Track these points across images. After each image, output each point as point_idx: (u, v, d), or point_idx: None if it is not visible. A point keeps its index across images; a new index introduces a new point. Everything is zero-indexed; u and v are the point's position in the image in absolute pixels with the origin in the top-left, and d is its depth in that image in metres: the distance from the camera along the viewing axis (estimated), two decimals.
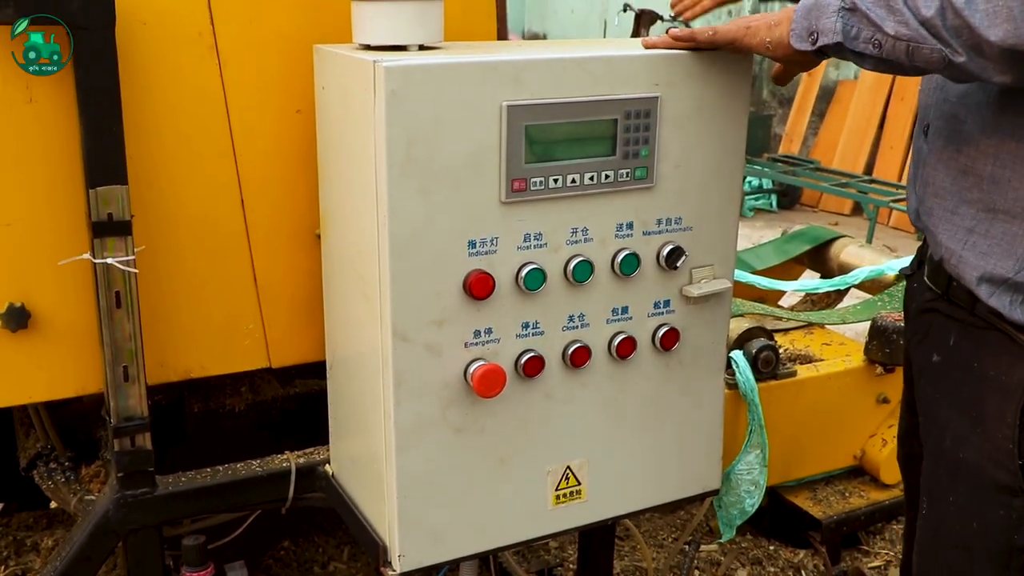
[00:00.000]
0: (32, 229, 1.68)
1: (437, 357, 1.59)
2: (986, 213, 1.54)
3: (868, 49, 1.44)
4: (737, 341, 2.52)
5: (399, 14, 1.56)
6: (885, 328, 2.66)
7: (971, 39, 1.35)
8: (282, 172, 1.80)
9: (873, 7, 1.42)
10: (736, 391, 2.44)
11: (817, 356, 2.84)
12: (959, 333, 1.61)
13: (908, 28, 1.39)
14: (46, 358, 1.75)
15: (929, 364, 1.68)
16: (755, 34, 1.56)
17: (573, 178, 1.60)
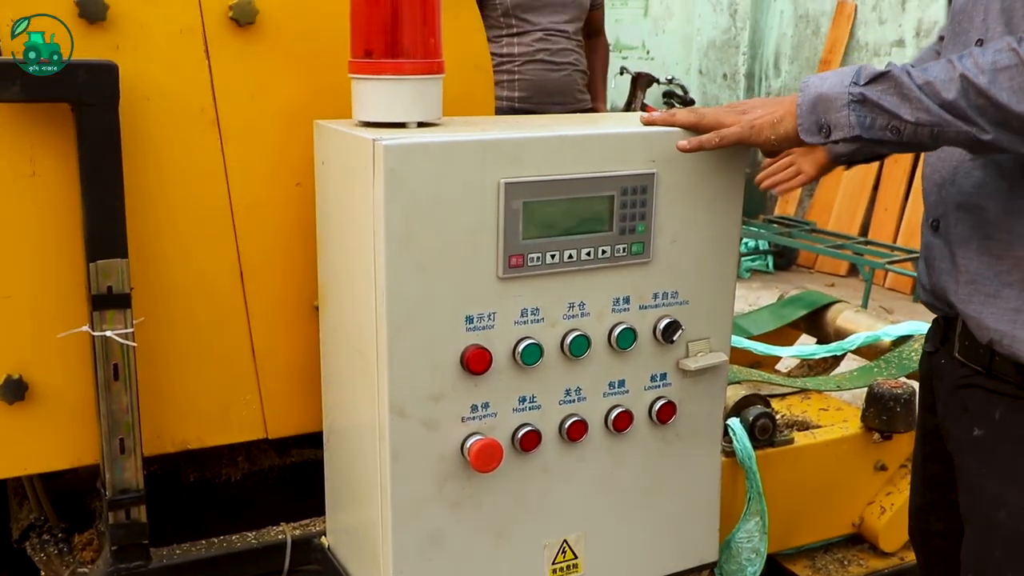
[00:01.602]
0: (32, 301, 1.68)
1: (434, 432, 1.58)
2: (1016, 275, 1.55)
3: (887, 136, 1.45)
4: (734, 408, 2.50)
5: (398, 92, 1.58)
6: (882, 395, 2.65)
7: (998, 116, 1.37)
8: (281, 244, 1.80)
9: (884, 95, 1.44)
10: (734, 459, 2.42)
11: (814, 422, 2.82)
12: (1007, 407, 1.59)
13: (929, 114, 1.41)
14: (42, 430, 1.73)
15: (970, 439, 1.66)
16: (760, 133, 1.57)
17: (570, 254, 1.61)
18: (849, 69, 1.51)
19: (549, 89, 4.59)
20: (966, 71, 1.38)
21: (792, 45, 8.13)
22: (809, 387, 2.99)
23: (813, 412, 2.93)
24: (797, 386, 2.98)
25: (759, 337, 3.33)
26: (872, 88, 1.45)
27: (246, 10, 1.69)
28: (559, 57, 4.61)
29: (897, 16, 7.34)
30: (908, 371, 2.86)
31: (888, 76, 1.45)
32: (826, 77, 1.52)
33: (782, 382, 2.98)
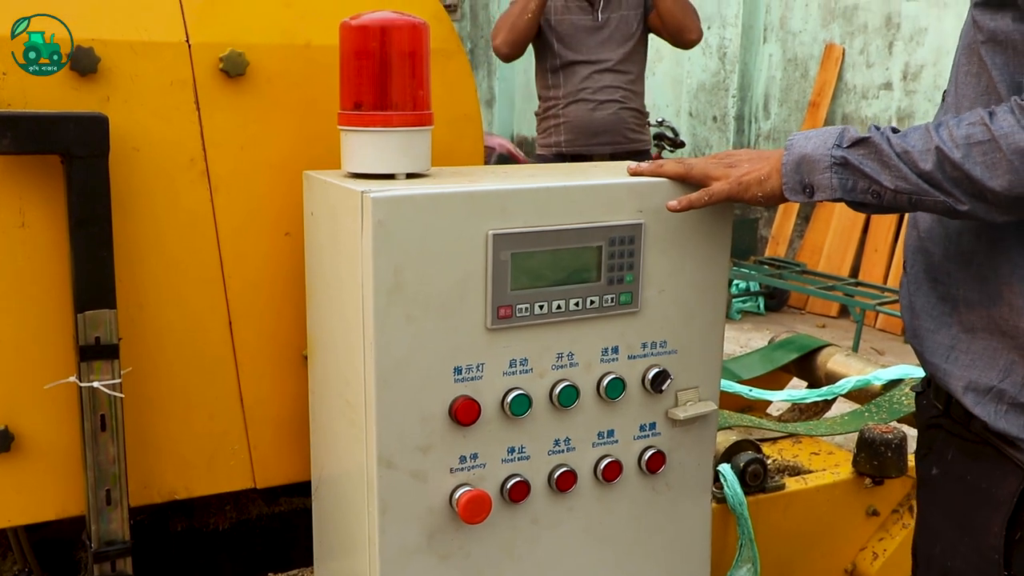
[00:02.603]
0: (19, 352, 1.67)
1: (423, 483, 1.57)
2: (965, 333, 1.57)
3: (868, 199, 1.47)
4: (725, 454, 2.50)
5: (387, 144, 1.59)
6: (873, 440, 2.64)
7: (973, 189, 1.38)
8: (270, 294, 1.80)
9: (864, 160, 1.46)
10: (725, 505, 2.41)
11: (806, 467, 2.82)
12: (957, 448, 1.62)
13: (908, 182, 1.42)
14: (27, 481, 1.72)
15: (929, 477, 1.69)
16: (747, 190, 1.58)
17: (558, 304, 1.61)
18: (834, 130, 1.52)
19: (593, 129, 4.50)
20: (941, 143, 1.40)
21: (781, 88, 8.20)
22: (800, 432, 2.99)
23: (804, 456, 2.93)
24: (788, 431, 2.98)
25: (750, 381, 3.33)
26: (853, 152, 1.47)
27: (236, 62, 1.70)
28: (602, 95, 4.50)
29: (884, 60, 7.41)
30: (899, 415, 2.86)
31: (869, 142, 1.46)
32: (810, 136, 1.54)
33: (773, 427, 2.98)
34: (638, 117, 4.65)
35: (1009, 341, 1.52)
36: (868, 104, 7.53)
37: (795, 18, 8.02)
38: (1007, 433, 1.51)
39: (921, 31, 7.10)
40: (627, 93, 4.57)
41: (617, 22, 4.50)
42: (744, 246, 7.89)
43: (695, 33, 4.55)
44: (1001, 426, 1.51)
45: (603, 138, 4.53)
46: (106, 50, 1.63)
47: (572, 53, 4.49)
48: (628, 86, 4.57)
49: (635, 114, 4.63)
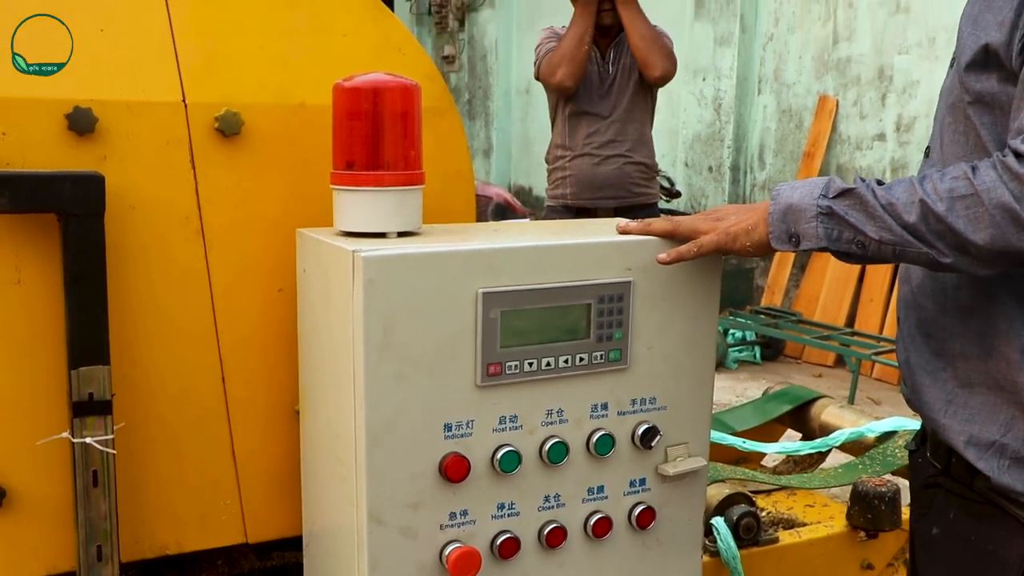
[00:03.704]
0: (12, 407, 1.67)
1: (412, 540, 1.57)
2: (962, 388, 1.58)
3: (853, 249, 1.49)
4: (718, 507, 2.49)
5: (379, 203, 1.60)
6: (867, 493, 2.64)
7: (956, 242, 1.40)
8: (263, 349, 1.80)
9: (850, 211, 1.47)
10: (718, 558, 2.40)
11: (800, 519, 2.81)
12: (959, 507, 1.61)
13: (892, 233, 1.44)
14: (18, 537, 1.71)
15: (929, 537, 1.69)
16: (735, 240, 1.60)
17: (548, 361, 1.61)
18: (820, 181, 1.54)
19: (598, 183, 4.52)
20: (925, 196, 1.41)
21: (776, 138, 8.25)
22: (794, 484, 2.98)
23: (799, 508, 2.91)
24: (782, 483, 2.97)
25: (743, 433, 3.32)
26: (839, 202, 1.48)
27: (232, 122, 1.71)
28: (606, 150, 4.53)
29: (877, 111, 7.46)
30: (892, 468, 2.86)
31: (854, 193, 1.48)
32: (796, 187, 1.56)
33: (766, 479, 2.97)
34: (644, 170, 4.65)
35: (1008, 396, 1.52)
36: (862, 155, 7.57)
37: (789, 70, 8.09)
38: (1011, 488, 1.51)
39: (913, 84, 7.16)
40: (632, 146, 4.58)
41: (622, 73, 4.53)
42: (740, 296, 7.90)
43: (659, 70, 4.50)
44: (1005, 481, 1.51)
45: (607, 192, 4.55)
46: (104, 110, 1.64)
47: (579, 104, 4.52)
48: (632, 137, 4.58)
49: (640, 168, 4.63)
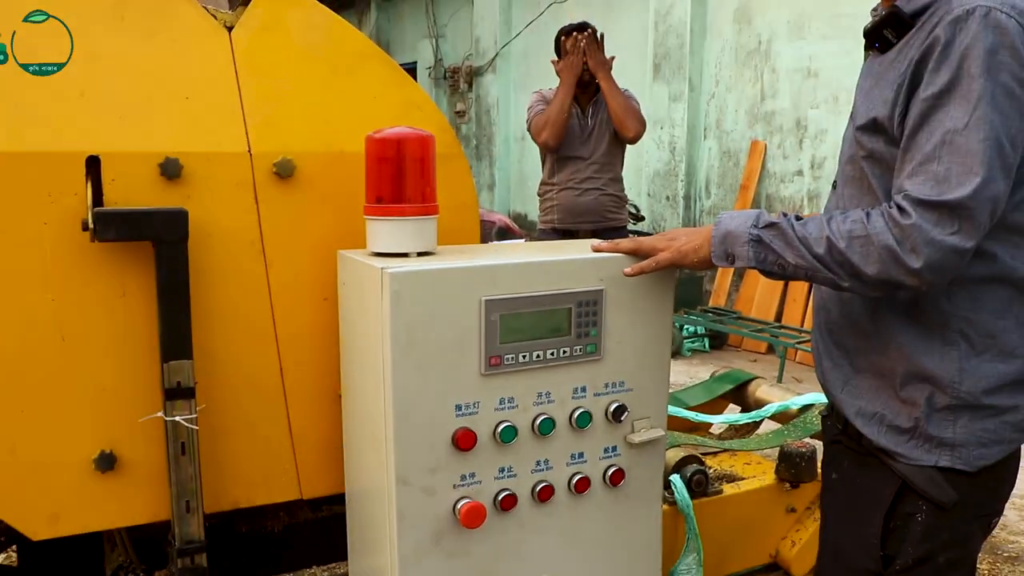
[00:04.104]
0: (121, 392, 1.66)
1: (431, 497, 1.55)
2: (856, 373, 1.60)
3: (775, 269, 1.49)
4: (675, 467, 2.47)
5: (402, 229, 1.59)
6: (790, 453, 2.62)
7: (852, 271, 1.41)
8: (312, 346, 1.78)
9: (774, 240, 1.48)
10: (675, 507, 2.38)
11: (740, 475, 2.79)
12: (851, 459, 1.64)
13: (805, 261, 1.45)
14: (127, 493, 1.71)
15: (830, 481, 1.72)
16: (685, 256, 1.60)
17: (538, 354, 1.60)
18: (753, 213, 1.54)
19: (579, 210, 4.49)
20: (831, 234, 1.43)
21: (719, 174, 8.23)
22: (734, 447, 2.96)
23: (739, 467, 2.89)
24: (725, 447, 2.95)
25: (695, 407, 3.30)
26: (766, 232, 1.49)
27: (287, 167, 1.70)
28: (586, 184, 4.51)
29: (796, 153, 7.45)
30: (810, 433, 2.83)
31: (778, 225, 1.49)
32: (735, 216, 1.55)
33: (713, 444, 2.95)
34: (616, 200, 4.63)
35: (886, 381, 1.55)
36: (785, 187, 7.55)
37: (728, 120, 8.07)
38: (887, 448, 1.55)
39: (823, 132, 7.15)
40: (606, 181, 4.56)
41: (599, 125, 4.53)
42: (692, 298, 7.87)
43: (631, 132, 4.51)
44: (882, 443, 1.55)
45: (586, 217, 4.53)
46: (188, 160, 1.63)
47: (564, 150, 4.52)
48: (607, 175, 4.57)
49: (613, 198, 4.61)
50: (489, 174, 11.35)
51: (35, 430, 1.62)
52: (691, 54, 8.11)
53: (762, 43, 7.62)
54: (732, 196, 8.03)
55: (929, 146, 1.36)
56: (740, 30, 7.83)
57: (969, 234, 1.34)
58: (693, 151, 8.35)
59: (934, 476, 1.51)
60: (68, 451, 1.64)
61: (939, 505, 1.51)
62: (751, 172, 7.77)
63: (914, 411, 1.51)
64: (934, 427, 1.50)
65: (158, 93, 1.62)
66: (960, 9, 1.36)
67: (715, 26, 8.07)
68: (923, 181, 1.36)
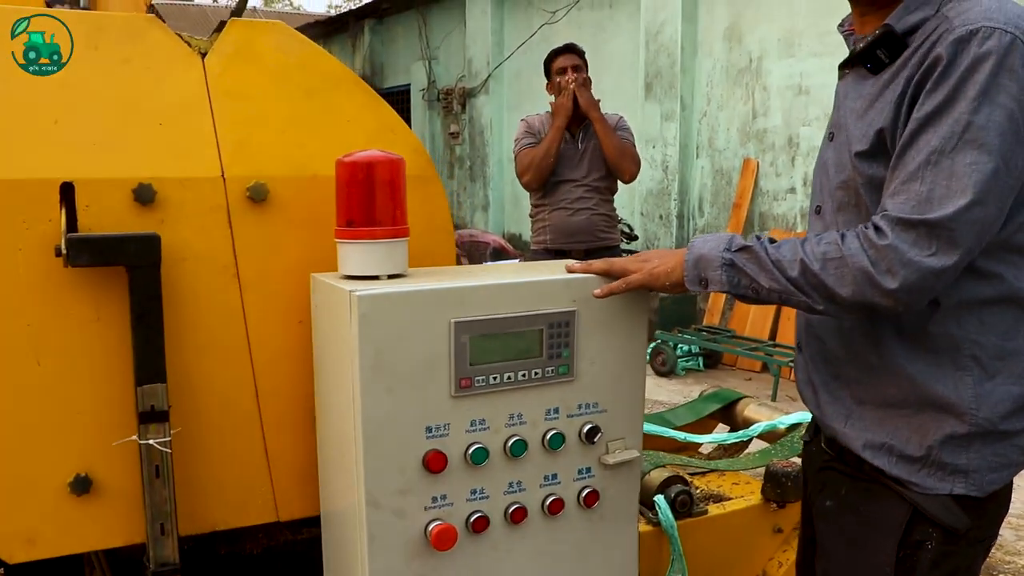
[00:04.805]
0: (96, 416, 1.67)
1: (402, 519, 1.55)
2: (857, 405, 1.57)
3: (748, 293, 1.48)
4: (660, 487, 2.47)
5: (372, 252, 1.59)
6: (776, 473, 2.62)
7: (826, 294, 1.40)
8: (287, 369, 1.79)
9: (747, 263, 1.47)
10: (659, 528, 2.38)
11: (727, 495, 2.79)
12: (849, 485, 1.60)
13: (779, 284, 1.44)
14: (102, 516, 1.71)
15: (824, 508, 1.67)
16: (657, 279, 1.59)
17: (509, 375, 1.60)
18: (725, 236, 1.53)
19: (571, 230, 4.53)
20: (805, 256, 1.41)
21: (711, 193, 8.26)
22: (721, 467, 2.96)
23: (727, 486, 2.89)
24: (711, 467, 2.95)
25: (684, 427, 3.30)
26: (739, 256, 1.48)
27: (260, 191, 1.72)
28: (578, 204, 4.56)
29: (788, 170, 7.48)
30: (797, 452, 2.83)
31: (751, 249, 1.48)
32: (708, 240, 1.55)
33: (699, 464, 2.95)
34: (607, 220, 4.68)
35: (892, 411, 1.51)
36: (778, 204, 7.58)
37: (720, 139, 8.11)
38: (899, 477, 1.50)
39: (815, 149, 7.16)
40: (598, 202, 4.62)
41: (591, 150, 4.59)
42: (687, 317, 7.88)
43: (627, 176, 4.64)
44: (895, 472, 1.51)
45: (578, 237, 4.57)
46: (161, 185, 1.65)
47: (556, 173, 4.57)
48: (598, 196, 4.62)
49: (605, 218, 4.65)
50: (483, 195, 11.40)
51: (11, 453, 1.62)
52: (682, 73, 8.17)
53: (753, 61, 7.68)
54: (725, 215, 8.06)
55: (913, 165, 1.34)
56: (731, 48, 7.89)
57: (947, 255, 1.31)
58: (686, 170, 8.38)
59: (947, 503, 1.47)
60: (44, 474, 1.65)
61: (952, 532, 1.48)
62: (744, 190, 7.80)
63: (925, 439, 1.47)
64: (948, 454, 1.46)
65: (132, 119, 1.64)
66: (963, 29, 1.33)
67: (706, 45, 8.13)
68: (904, 200, 1.33)
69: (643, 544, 2.32)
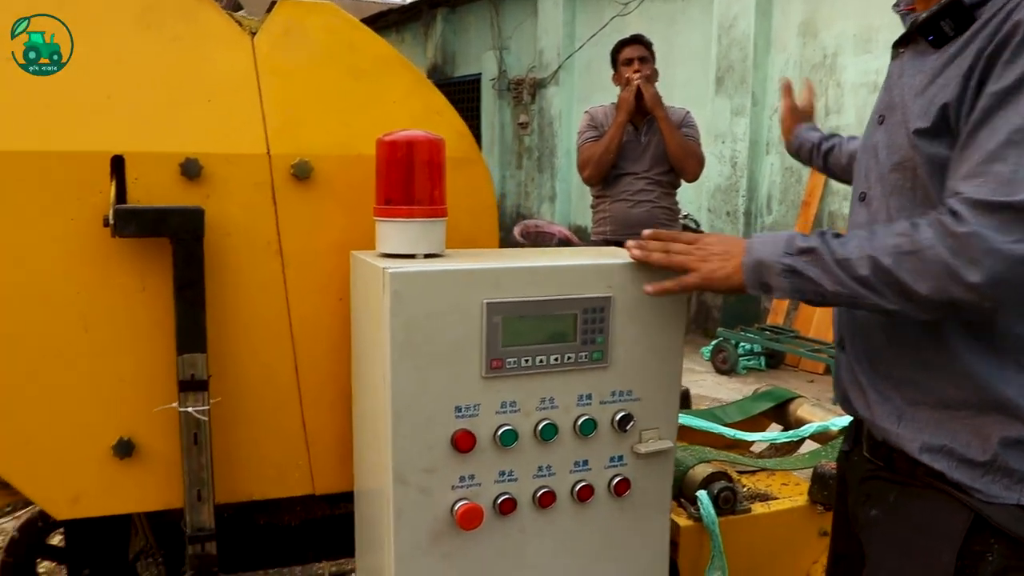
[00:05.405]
0: (139, 383, 1.72)
1: (429, 497, 1.56)
2: (909, 406, 1.49)
3: (815, 299, 1.41)
4: (703, 482, 2.44)
5: (410, 231, 1.60)
6: (823, 474, 2.56)
7: (902, 292, 1.31)
8: (327, 345, 1.81)
9: (809, 266, 1.39)
10: (701, 523, 2.34)
11: (774, 495, 2.73)
12: (899, 491, 1.52)
13: (845, 287, 1.35)
14: (143, 480, 1.76)
15: (869, 518, 1.58)
16: (713, 284, 1.52)
17: (541, 359, 1.59)
18: (784, 237, 1.45)
19: (631, 222, 4.52)
20: (874, 252, 1.32)
21: (780, 190, 8.10)
22: (769, 466, 2.90)
23: (776, 486, 2.83)
24: (759, 465, 2.90)
25: (733, 424, 3.25)
26: (800, 259, 1.40)
27: (304, 168, 1.74)
28: (639, 196, 4.57)
29: None
30: None
31: (814, 251, 1.39)
32: (766, 242, 1.45)
33: (747, 462, 2.90)
34: (668, 213, 4.67)
35: (951, 413, 1.43)
36: (847, 204, 7.39)
37: None
38: (960, 483, 1.41)
39: None
40: (660, 195, 4.62)
41: (655, 144, 4.56)
42: (750, 315, 7.75)
43: (690, 176, 4.64)
44: (956, 477, 1.41)
45: (639, 229, 4.47)
46: (208, 160, 1.68)
47: (618, 166, 4.55)
48: (660, 189, 4.62)
49: (665, 211, 4.64)
50: (550, 186, 11.37)
51: (59, 416, 1.69)
52: (755, 67, 8.02)
53: (827, 57, 7.49)
54: (794, 212, 7.89)
55: (992, 144, 1.23)
56: (805, 44, 7.71)
57: None
58: (755, 166, 8.23)
59: (1016, 514, 1.37)
60: (89, 437, 1.71)
61: (1018, 544, 1.38)
62: (813, 188, 7.63)
63: (988, 444, 1.38)
64: (1015, 460, 1.37)
65: (181, 96, 1.68)
66: None
67: (780, 39, 7.96)
68: (983, 183, 1.23)
69: (684, 539, 2.30)
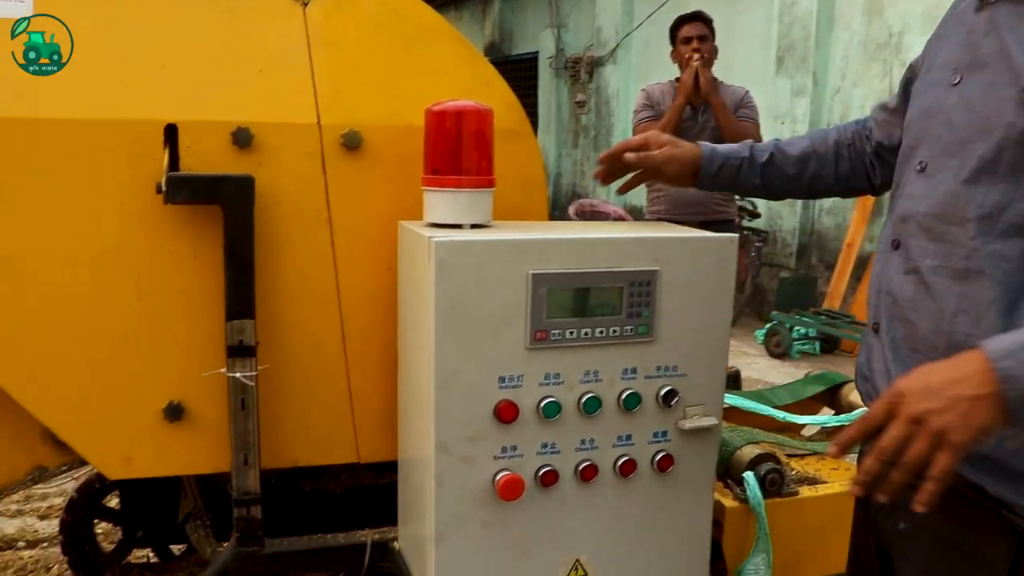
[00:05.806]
0: (189, 348, 1.76)
1: (470, 466, 1.57)
2: None
3: None
4: (750, 463, 2.41)
5: (457, 200, 1.61)
6: None
7: None
8: (374, 315, 1.83)
9: None
10: (747, 505, 2.32)
11: (823, 479, 2.69)
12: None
13: None
14: (192, 443, 1.80)
15: (897, 531, 1.45)
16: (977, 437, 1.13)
17: (586, 331, 1.59)
18: None
19: (686, 202, 4.46)
20: None
21: None
22: (819, 450, 2.86)
23: (825, 470, 2.78)
24: (807, 448, 2.85)
25: (784, 407, 3.21)
26: None
27: (354, 138, 1.75)
28: None
29: None
30: None
31: None
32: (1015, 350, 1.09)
33: (795, 444, 2.85)
34: (723, 194, 4.59)
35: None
36: None
37: (853, 116, 7.72)
38: (1003, 499, 1.27)
39: None
40: None
41: (712, 124, 4.50)
42: (806, 299, 7.61)
43: None
44: (998, 492, 1.27)
45: (694, 209, 4.49)
46: (259, 130, 1.70)
47: None
48: None
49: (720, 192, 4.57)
50: None
51: (112, 379, 1.73)
52: (816, 47, 7.82)
53: (893, 36, 7.28)
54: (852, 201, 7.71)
55: None
56: (870, 22, 7.50)
57: None
58: None
59: None
60: (140, 400, 1.75)
61: None
62: None
63: None
64: None
65: (234, 65, 1.70)
66: None
67: (843, 18, 7.75)
68: None
69: (729, 520, 2.27)
